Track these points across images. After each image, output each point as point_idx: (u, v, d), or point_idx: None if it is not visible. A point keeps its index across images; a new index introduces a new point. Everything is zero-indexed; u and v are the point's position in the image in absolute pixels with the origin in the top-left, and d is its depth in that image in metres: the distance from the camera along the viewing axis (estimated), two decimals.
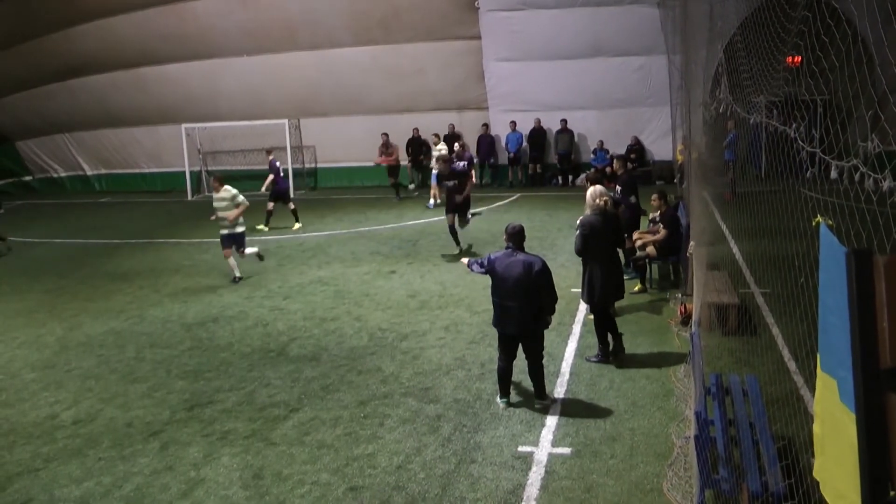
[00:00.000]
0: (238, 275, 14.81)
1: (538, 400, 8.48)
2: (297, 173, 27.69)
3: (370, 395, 8.95)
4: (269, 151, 21.45)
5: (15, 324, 12.81)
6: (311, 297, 13.39)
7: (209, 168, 28.88)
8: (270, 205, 20.37)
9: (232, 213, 14.45)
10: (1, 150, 32.36)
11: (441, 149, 23.04)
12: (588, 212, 9.70)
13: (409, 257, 16.16)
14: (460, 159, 19.84)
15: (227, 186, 14.66)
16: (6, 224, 22.44)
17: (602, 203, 9.63)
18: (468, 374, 9.46)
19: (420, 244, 17.48)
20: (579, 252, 9.65)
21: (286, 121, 26.81)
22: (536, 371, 8.45)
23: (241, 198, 14.59)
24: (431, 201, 22.83)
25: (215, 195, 14.74)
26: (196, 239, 19.40)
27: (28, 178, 33.18)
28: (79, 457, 7.79)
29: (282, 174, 20.77)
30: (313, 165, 28.96)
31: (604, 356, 9.61)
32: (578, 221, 9.83)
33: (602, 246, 9.51)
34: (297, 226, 20.46)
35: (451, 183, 15.78)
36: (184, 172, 28.19)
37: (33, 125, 30.92)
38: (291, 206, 20.66)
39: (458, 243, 15.95)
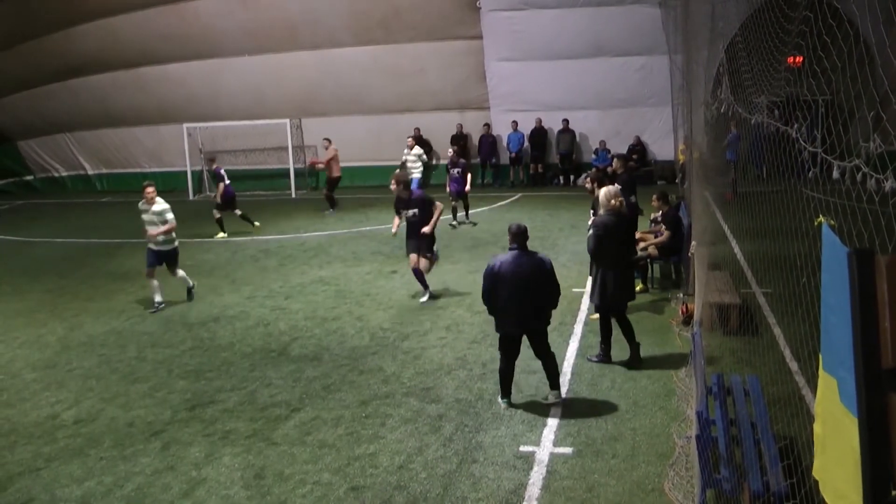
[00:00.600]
0: (160, 299, 13.14)
1: (552, 391, 8.44)
2: (298, 173, 27.72)
3: (372, 395, 8.95)
4: (212, 160, 20.58)
5: (16, 324, 12.81)
6: (313, 297, 13.39)
7: (211, 168, 28.89)
8: (217, 214, 19.78)
9: (155, 231, 12.92)
10: (2, 149, 32.35)
11: (419, 154, 22.03)
12: (602, 212, 9.65)
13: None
14: (454, 166, 19.21)
15: (159, 199, 13.09)
16: (6, 224, 22.44)
17: (616, 204, 9.58)
18: (469, 373, 9.47)
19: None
20: (594, 253, 9.59)
21: (287, 120, 26.84)
22: (551, 363, 8.46)
23: (169, 215, 13.01)
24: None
25: (146, 206, 13.10)
26: (197, 239, 19.39)
27: (29, 177, 33.17)
28: (80, 456, 7.80)
29: (227, 181, 19.71)
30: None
31: (605, 356, 9.61)
32: (591, 222, 9.78)
33: (615, 247, 9.46)
34: (220, 235, 19.75)
35: (410, 213, 12.53)
36: (185, 172, 28.20)
37: (34, 125, 30.92)
38: (217, 214, 19.74)
39: (426, 287, 12.85)
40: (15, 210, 28.02)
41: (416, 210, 12.37)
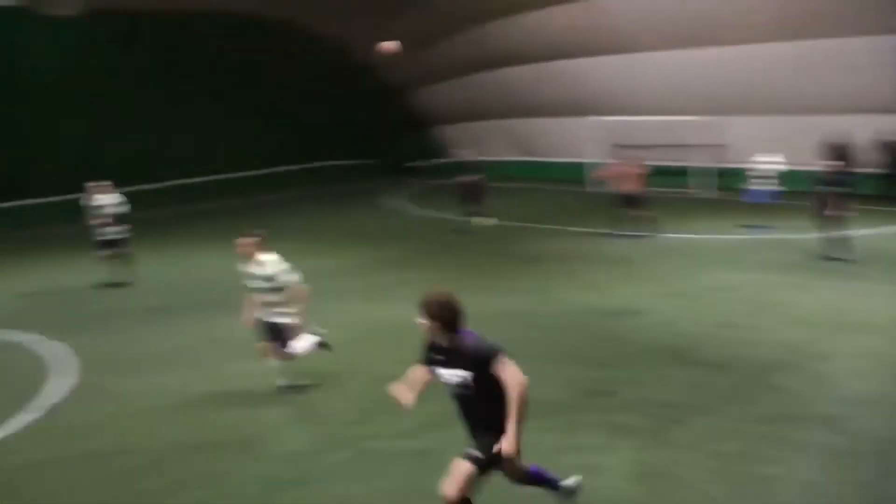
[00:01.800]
0: (281, 383, 9.37)
1: None
2: (714, 173, 26.83)
3: (775, 414, 8.37)
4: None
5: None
6: (717, 302, 12.91)
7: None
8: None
9: (289, 318, 9.06)
10: (420, 133, 35.83)
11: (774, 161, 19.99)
12: None
13: (828, 273, 14.65)
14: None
15: (266, 255, 9.10)
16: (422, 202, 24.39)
17: None
18: (894, 410, 8.44)
19: (854, 262, 15.34)
20: None
21: (705, 118, 25.88)
22: None
23: (286, 277, 9.03)
24: None
25: (248, 266, 9.19)
26: (602, 230, 19.64)
27: (442, 160, 36.41)
28: None
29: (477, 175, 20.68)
30: (733, 166, 27.62)
31: None
32: None
33: None
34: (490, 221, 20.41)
35: (454, 377, 5.91)
36: (584, 164, 28.66)
37: (450, 112, 33.67)
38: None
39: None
40: (431, 189, 30.72)
41: (465, 375, 5.78)
